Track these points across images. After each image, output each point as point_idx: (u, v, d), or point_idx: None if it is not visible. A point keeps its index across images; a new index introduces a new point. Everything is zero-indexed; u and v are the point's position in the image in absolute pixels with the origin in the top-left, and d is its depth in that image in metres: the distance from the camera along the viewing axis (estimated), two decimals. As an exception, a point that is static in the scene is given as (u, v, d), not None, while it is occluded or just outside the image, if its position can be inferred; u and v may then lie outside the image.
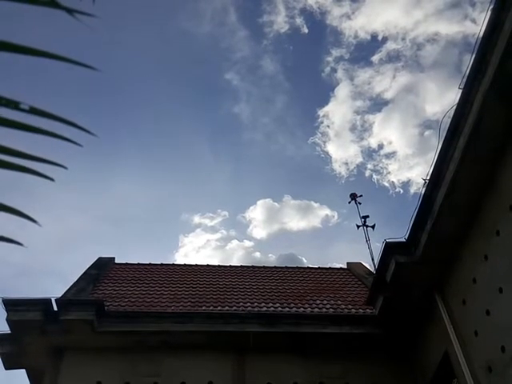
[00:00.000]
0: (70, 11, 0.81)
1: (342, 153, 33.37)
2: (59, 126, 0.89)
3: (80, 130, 0.85)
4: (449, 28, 27.96)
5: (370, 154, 31.08)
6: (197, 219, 31.85)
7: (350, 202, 14.86)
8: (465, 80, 6.46)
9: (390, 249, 8.04)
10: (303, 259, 29.62)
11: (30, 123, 0.82)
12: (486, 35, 5.97)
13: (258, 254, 30.62)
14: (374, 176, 29.68)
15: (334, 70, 28.24)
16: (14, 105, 0.83)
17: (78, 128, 0.85)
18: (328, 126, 29.48)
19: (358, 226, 13.94)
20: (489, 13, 5.93)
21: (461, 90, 6.58)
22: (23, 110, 0.83)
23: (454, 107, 6.76)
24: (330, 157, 32.81)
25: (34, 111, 0.83)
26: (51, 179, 0.88)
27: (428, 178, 7.50)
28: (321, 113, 29.64)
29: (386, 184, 29.74)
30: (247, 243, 32.53)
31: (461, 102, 6.56)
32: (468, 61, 6.23)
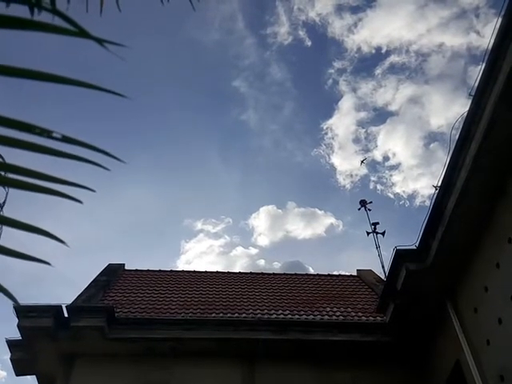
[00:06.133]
0: (100, 41, 0.83)
1: (346, 165, 33.39)
2: (82, 150, 0.92)
3: (109, 156, 0.87)
4: (453, 39, 27.95)
5: (374, 165, 31.06)
6: (199, 225, 31.92)
7: (359, 209, 14.84)
8: (476, 86, 6.44)
9: (400, 256, 7.99)
10: (309, 268, 29.53)
11: (60, 149, 0.84)
12: (497, 41, 5.95)
13: (262, 262, 30.58)
14: (379, 187, 29.64)
15: (337, 82, 28.34)
16: (47, 134, 0.85)
17: (107, 155, 0.87)
18: (332, 138, 29.54)
19: (368, 233, 13.89)
20: (500, 19, 5.92)
21: (471, 97, 6.55)
22: (56, 139, 0.86)
23: (465, 114, 6.73)
24: (335, 169, 32.82)
25: (65, 139, 0.85)
26: (80, 202, 0.90)
27: (439, 185, 7.47)
28: (324, 125, 29.72)
29: (391, 195, 29.68)
30: (251, 250, 32.52)
31: (472, 109, 6.53)
32: (473, 72, 6.30)
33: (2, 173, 0.91)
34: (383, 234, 13.83)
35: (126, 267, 12.70)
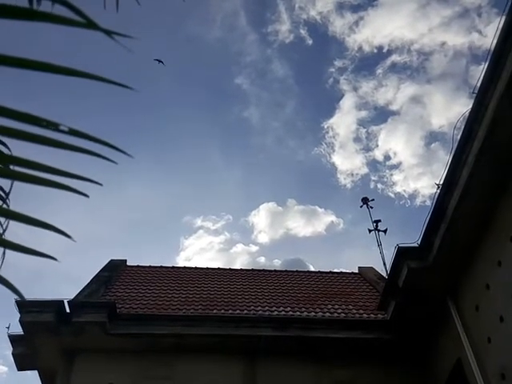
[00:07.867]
0: (108, 33, 0.82)
1: (347, 164, 33.42)
2: (87, 143, 0.92)
3: (116, 150, 0.87)
4: (455, 39, 27.95)
5: (375, 164, 31.06)
6: (199, 222, 31.96)
7: (361, 206, 14.83)
8: (479, 84, 6.42)
9: (402, 254, 7.99)
10: (310, 265, 29.50)
11: (67, 142, 0.84)
12: (500, 39, 5.94)
13: (262, 259, 30.56)
14: (379, 186, 29.67)
15: (338, 81, 28.34)
16: (54, 126, 0.85)
17: (114, 149, 0.87)
18: (333, 137, 29.57)
19: (370, 231, 13.88)
20: (503, 17, 5.91)
21: (474, 95, 6.54)
22: (63, 132, 0.85)
23: (467, 113, 6.72)
24: (336, 168, 32.81)
25: (72, 132, 0.85)
26: (86, 195, 0.90)
27: (441, 182, 7.46)
28: (325, 124, 29.75)
29: (392, 194, 29.67)
30: (252, 247, 32.52)
31: (475, 107, 6.52)
32: (475, 71, 6.32)
33: (8, 165, 0.91)
34: (385, 231, 13.83)
35: (128, 263, 12.72)
